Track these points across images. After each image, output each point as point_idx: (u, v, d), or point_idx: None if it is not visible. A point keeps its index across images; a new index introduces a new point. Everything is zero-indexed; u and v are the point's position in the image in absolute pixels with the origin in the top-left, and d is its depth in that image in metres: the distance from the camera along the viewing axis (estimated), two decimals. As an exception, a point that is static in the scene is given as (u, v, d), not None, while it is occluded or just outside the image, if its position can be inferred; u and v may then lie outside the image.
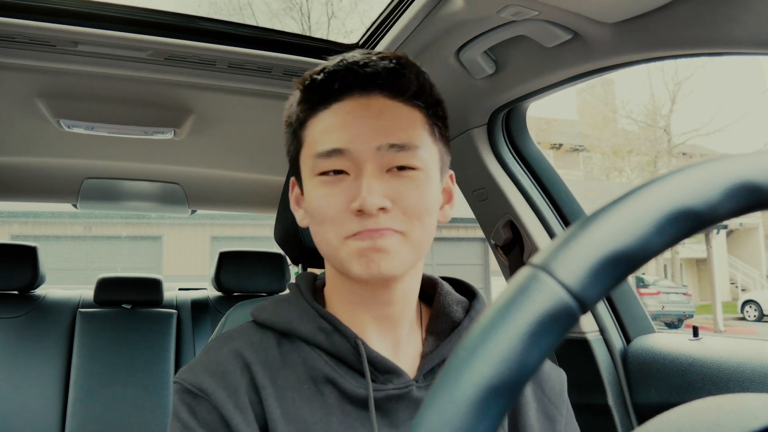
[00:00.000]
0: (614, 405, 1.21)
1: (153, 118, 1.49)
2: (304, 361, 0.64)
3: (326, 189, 0.62)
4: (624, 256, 0.25)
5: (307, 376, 0.63)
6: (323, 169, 0.62)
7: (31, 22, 1.06)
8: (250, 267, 2.36)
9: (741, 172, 0.26)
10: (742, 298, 14.90)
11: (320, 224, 0.63)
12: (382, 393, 0.63)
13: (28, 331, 2.04)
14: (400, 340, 0.68)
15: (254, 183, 2.16)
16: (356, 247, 0.60)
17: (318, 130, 0.64)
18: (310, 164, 0.64)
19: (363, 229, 0.60)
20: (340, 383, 0.63)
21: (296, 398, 0.62)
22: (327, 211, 0.62)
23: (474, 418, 0.23)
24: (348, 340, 0.64)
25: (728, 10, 0.74)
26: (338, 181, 0.62)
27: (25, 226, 12.61)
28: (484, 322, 0.25)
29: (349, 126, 0.62)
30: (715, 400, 0.33)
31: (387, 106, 0.63)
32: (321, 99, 0.64)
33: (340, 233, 0.61)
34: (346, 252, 0.61)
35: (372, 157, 0.61)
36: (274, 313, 0.68)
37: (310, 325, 0.66)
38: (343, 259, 0.62)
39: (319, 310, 0.67)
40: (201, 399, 0.61)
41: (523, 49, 1.06)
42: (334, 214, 0.61)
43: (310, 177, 0.64)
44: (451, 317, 0.70)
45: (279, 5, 14.20)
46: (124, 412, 2.01)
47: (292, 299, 0.70)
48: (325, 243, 0.63)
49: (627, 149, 17.26)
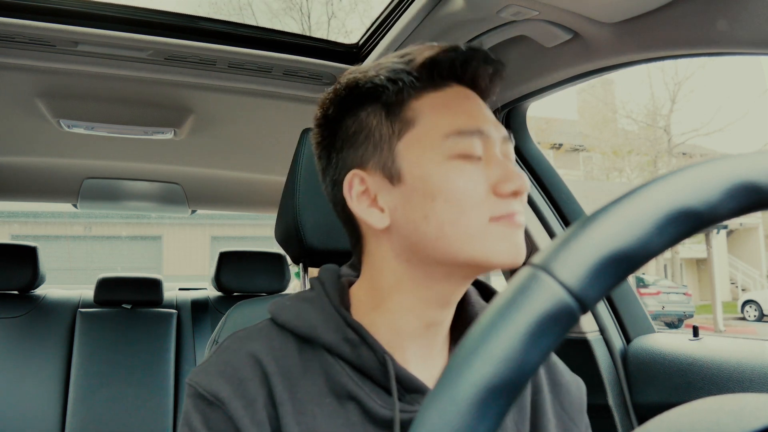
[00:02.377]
0: (614, 405, 1.21)
1: (153, 118, 1.49)
2: (327, 372, 0.60)
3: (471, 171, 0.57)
4: (624, 256, 0.25)
5: (329, 389, 0.59)
6: (465, 151, 0.57)
7: (31, 22, 1.06)
8: (250, 267, 2.36)
9: (741, 172, 0.26)
10: (742, 298, 14.89)
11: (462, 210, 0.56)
12: (409, 415, 0.58)
13: (28, 331, 2.04)
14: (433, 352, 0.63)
15: (254, 183, 2.16)
16: (503, 230, 0.57)
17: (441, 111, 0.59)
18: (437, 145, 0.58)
19: (512, 211, 0.57)
20: (365, 401, 0.58)
21: (317, 413, 0.58)
22: (474, 191, 0.56)
23: (474, 418, 0.23)
24: (376, 354, 0.59)
25: (728, 10, 0.74)
26: (477, 163, 0.58)
27: (25, 226, 12.61)
28: (484, 322, 0.25)
29: (478, 111, 0.60)
30: (715, 400, 0.33)
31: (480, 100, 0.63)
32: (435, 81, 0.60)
33: (487, 214, 0.57)
34: (494, 235, 0.57)
35: (500, 144, 0.60)
36: (296, 315, 0.63)
37: (335, 334, 0.60)
38: (487, 244, 0.56)
39: (346, 317, 0.61)
40: (216, 407, 0.57)
41: (523, 49, 1.06)
42: (481, 193, 0.57)
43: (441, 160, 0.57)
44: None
45: (279, 5, 14.21)
46: (124, 412, 2.01)
47: (316, 301, 0.63)
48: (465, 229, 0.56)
49: (627, 149, 17.26)
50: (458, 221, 0.56)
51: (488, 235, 0.56)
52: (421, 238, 0.58)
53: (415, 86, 0.59)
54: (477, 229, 0.56)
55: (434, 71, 0.60)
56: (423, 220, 0.57)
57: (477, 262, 0.57)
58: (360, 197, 0.61)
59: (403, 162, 0.58)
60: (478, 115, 0.60)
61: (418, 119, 0.59)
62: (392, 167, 0.59)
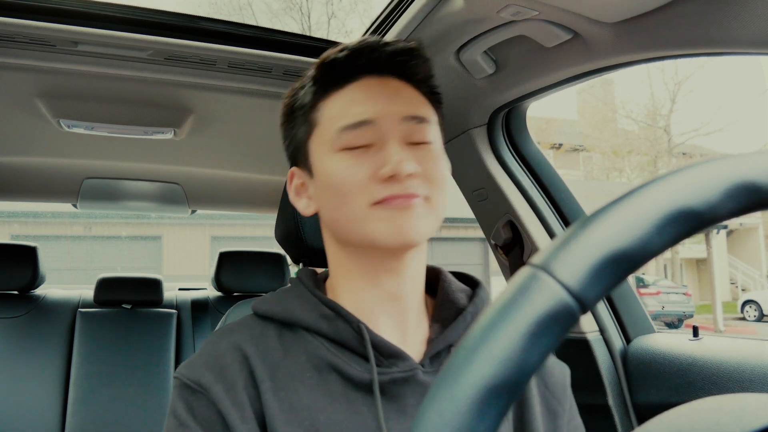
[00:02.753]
0: (614, 405, 1.21)
1: (153, 118, 1.49)
2: (307, 350, 0.64)
3: (352, 160, 0.63)
4: (624, 256, 0.25)
5: (310, 365, 0.63)
6: (349, 143, 0.63)
7: (31, 22, 1.06)
8: (250, 267, 2.36)
9: (741, 172, 0.26)
10: (742, 298, 14.89)
11: (343, 196, 0.62)
12: (387, 377, 0.62)
13: (28, 331, 2.04)
14: (407, 328, 0.67)
15: (254, 183, 2.16)
16: (384, 213, 0.61)
17: (336, 107, 0.65)
18: (330, 140, 0.64)
19: (391, 195, 0.61)
20: (344, 369, 0.62)
21: (299, 387, 0.61)
22: (353, 179, 0.62)
23: (474, 418, 0.23)
24: (351, 325, 0.63)
25: (728, 10, 0.74)
26: (363, 153, 0.63)
27: (25, 226, 12.61)
28: (485, 322, 0.25)
29: (374, 99, 0.64)
30: (715, 400, 0.33)
31: (401, 86, 0.67)
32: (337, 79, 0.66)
33: (367, 200, 0.61)
34: (374, 219, 0.61)
35: (397, 128, 0.63)
36: (275, 303, 0.68)
37: (312, 312, 0.65)
38: (369, 227, 0.61)
39: (321, 297, 0.66)
40: (199, 394, 0.60)
41: (523, 49, 1.06)
42: (360, 181, 0.62)
43: (330, 154, 0.64)
44: (456, 304, 0.70)
45: (279, 5, 14.21)
46: (124, 412, 2.01)
47: (293, 290, 0.69)
48: (348, 214, 0.63)
49: (627, 149, 17.26)
50: (342, 207, 0.63)
51: (369, 218, 0.61)
52: (329, 223, 0.67)
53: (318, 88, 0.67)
54: (359, 214, 0.62)
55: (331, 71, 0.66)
56: (325, 208, 0.67)
57: (365, 244, 0.63)
58: (299, 189, 0.71)
59: (312, 158, 0.67)
60: (367, 105, 0.64)
61: (320, 119, 0.66)
62: (308, 163, 0.68)
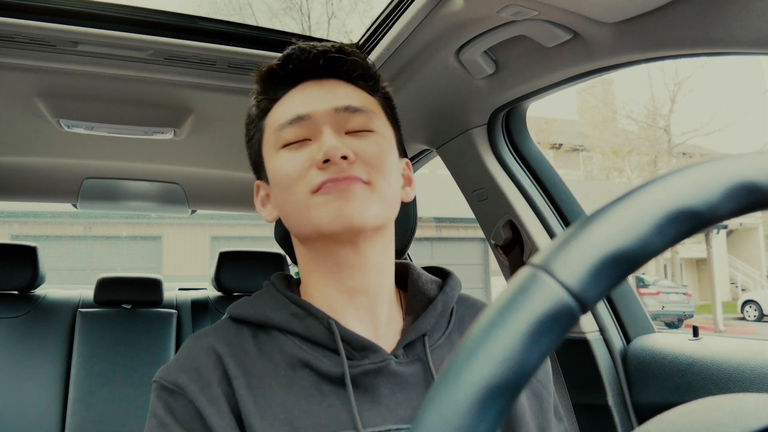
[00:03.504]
0: (614, 405, 1.21)
1: (153, 118, 1.49)
2: (280, 349, 0.65)
3: (290, 154, 0.66)
4: (624, 256, 0.25)
5: (283, 363, 0.64)
6: (288, 139, 0.66)
7: (31, 22, 1.06)
8: (250, 267, 2.36)
9: (741, 172, 0.26)
10: (742, 298, 14.88)
11: (287, 188, 0.65)
12: (359, 369, 0.63)
13: (28, 331, 2.04)
14: (379, 321, 0.68)
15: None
16: (324, 198, 0.63)
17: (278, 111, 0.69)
18: (272, 141, 0.68)
19: (328, 178, 0.62)
20: (316, 365, 0.63)
21: (273, 384, 0.62)
22: (292, 171, 0.65)
23: (474, 418, 0.23)
24: (321, 322, 0.65)
25: (728, 10, 0.74)
26: (302, 146, 0.66)
27: (25, 226, 12.61)
28: (484, 322, 0.25)
29: (308, 97, 0.68)
30: (715, 400, 0.33)
31: (338, 84, 0.70)
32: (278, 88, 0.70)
33: (306, 188, 0.64)
34: (315, 205, 0.63)
35: (330, 119, 0.66)
36: (248, 306, 0.70)
37: (283, 312, 0.67)
38: (312, 214, 0.63)
39: (291, 297, 0.68)
40: (177, 394, 0.62)
41: (523, 49, 1.06)
42: (299, 171, 0.64)
43: (274, 153, 0.67)
44: (426, 294, 0.71)
45: (279, 5, 14.21)
46: (124, 412, 2.01)
47: (266, 293, 0.72)
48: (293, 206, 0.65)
49: (627, 149, 17.25)
50: (287, 200, 0.66)
51: (310, 205, 0.63)
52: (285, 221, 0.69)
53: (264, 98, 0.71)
54: (301, 202, 0.64)
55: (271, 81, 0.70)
56: (278, 205, 0.69)
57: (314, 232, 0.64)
58: (264, 200, 0.74)
59: (265, 163, 0.71)
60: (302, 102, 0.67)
61: (266, 125, 0.70)
62: (264, 171, 0.72)
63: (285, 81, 0.70)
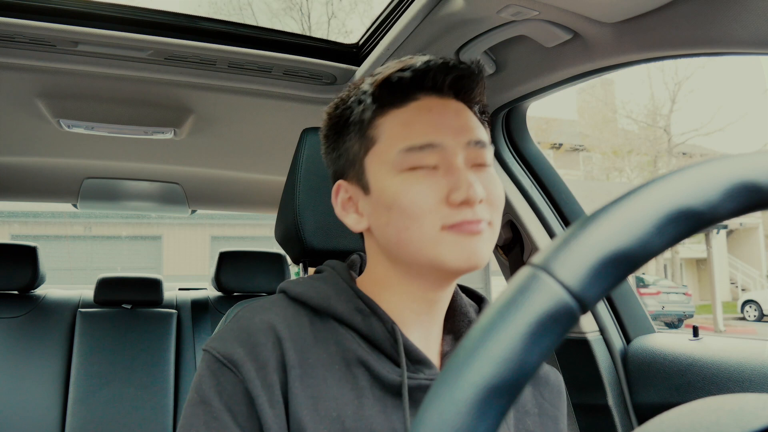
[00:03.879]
0: (614, 405, 1.21)
1: (153, 118, 1.49)
2: (337, 341, 0.63)
3: (421, 183, 0.62)
4: (624, 256, 0.25)
5: (339, 356, 0.63)
6: (415, 164, 0.62)
7: (31, 22, 1.06)
8: (250, 267, 2.36)
9: (741, 172, 0.26)
10: (742, 298, 14.88)
11: (413, 218, 0.61)
12: (415, 382, 0.62)
13: (28, 331, 2.04)
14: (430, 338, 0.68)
15: (254, 183, 2.16)
16: (455, 238, 0.60)
17: (398, 126, 0.64)
18: (392, 160, 0.63)
19: (464, 220, 0.60)
20: (374, 367, 0.62)
21: (327, 377, 0.61)
22: (424, 202, 0.61)
23: (474, 418, 0.23)
24: (385, 325, 0.64)
25: (728, 9, 0.74)
26: (430, 175, 0.62)
27: (25, 226, 12.61)
28: (484, 322, 0.25)
29: (437, 122, 0.64)
30: (715, 400, 0.33)
31: (461, 108, 0.67)
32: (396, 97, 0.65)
33: (438, 224, 0.61)
34: (445, 243, 0.61)
35: (462, 151, 0.63)
36: (309, 288, 0.67)
37: (347, 304, 0.65)
38: (439, 250, 0.61)
39: (358, 291, 0.66)
40: (228, 370, 0.60)
41: (523, 49, 1.06)
42: (431, 205, 0.61)
43: (394, 173, 0.63)
44: (468, 317, 0.71)
45: (279, 5, 14.19)
46: (124, 412, 2.01)
47: (329, 278, 0.69)
48: (417, 237, 0.61)
49: (627, 149, 17.25)
50: (410, 228, 0.61)
51: (440, 241, 0.61)
52: (387, 241, 0.65)
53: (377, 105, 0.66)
54: (429, 236, 0.61)
55: (392, 89, 0.65)
56: (386, 226, 0.64)
57: (433, 266, 0.62)
58: (346, 203, 0.69)
59: (369, 175, 0.65)
60: (432, 127, 0.63)
61: (380, 136, 0.65)
62: (362, 179, 0.66)
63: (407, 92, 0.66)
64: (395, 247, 0.64)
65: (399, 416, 0.61)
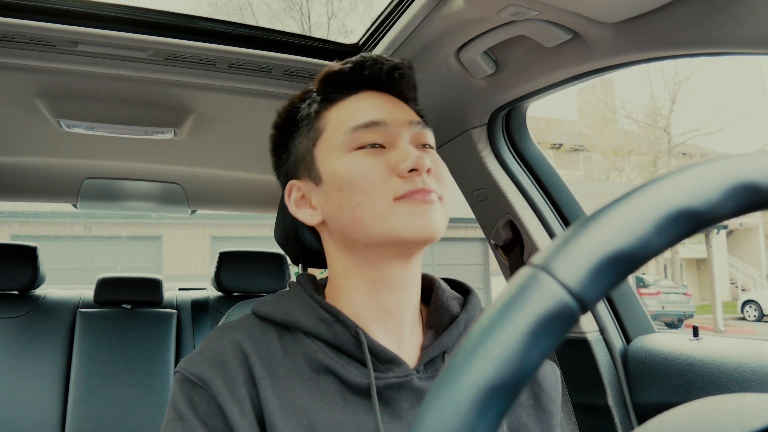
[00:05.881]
0: (614, 405, 1.21)
1: (153, 118, 1.49)
2: (305, 352, 0.65)
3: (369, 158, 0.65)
4: (624, 256, 0.25)
5: (308, 367, 0.64)
6: (363, 142, 0.66)
7: (31, 22, 1.06)
8: (250, 267, 2.36)
9: (741, 172, 0.26)
10: (742, 298, 14.89)
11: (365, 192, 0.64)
12: (383, 381, 0.63)
13: (28, 331, 2.04)
14: (402, 334, 0.68)
15: (254, 183, 2.16)
16: (408, 207, 0.63)
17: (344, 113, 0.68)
18: (341, 142, 0.66)
19: (414, 189, 0.63)
20: (341, 372, 0.63)
21: (297, 387, 0.62)
22: (374, 175, 0.64)
23: (474, 418, 0.23)
24: (348, 330, 0.65)
25: (728, 10, 0.74)
26: (378, 152, 0.66)
27: (25, 226, 12.61)
28: (484, 322, 0.25)
29: (380, 104, 0.69)
30: (715, 400, 0.33)
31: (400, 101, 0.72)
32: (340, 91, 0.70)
33: (390, 195, 0.63)
34: (398, 213, 0.63)
35: (406, 130, 0.67)
36: (275, 305, 0.69)
37: (310, 316, 0.66)
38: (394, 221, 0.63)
39: (320, 301, 0.68)
40: (200, 388, 0.62)
41: (523, 49, 1.06)
42: (381, 177, 0.64)
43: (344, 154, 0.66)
44: (450, 311, 0.71)
45: (279, 5, 14.20)
46: (124, 412, 2.01)
47: (293, 293, 0.71)
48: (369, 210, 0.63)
49: (627, 149, 17.26)
50: (363, 204, 0.63)
51: (393, 212, 0.63)
52: (342, 225, 0.66)
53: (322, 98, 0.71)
54: (382, 208, 0.63)
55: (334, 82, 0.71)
56: (339, 209, 0.65)
57: (390, 239, 0.63)
58: (299, 202, 0.72)
59: (320, 164, 0.68)
60: (376, 109, 0.68)
61: (327, 126, 0.69)
62: (313, 171, 0.69)
63: (349, 86, 0.70)
64: (350, 228, 0.65)
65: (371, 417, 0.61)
